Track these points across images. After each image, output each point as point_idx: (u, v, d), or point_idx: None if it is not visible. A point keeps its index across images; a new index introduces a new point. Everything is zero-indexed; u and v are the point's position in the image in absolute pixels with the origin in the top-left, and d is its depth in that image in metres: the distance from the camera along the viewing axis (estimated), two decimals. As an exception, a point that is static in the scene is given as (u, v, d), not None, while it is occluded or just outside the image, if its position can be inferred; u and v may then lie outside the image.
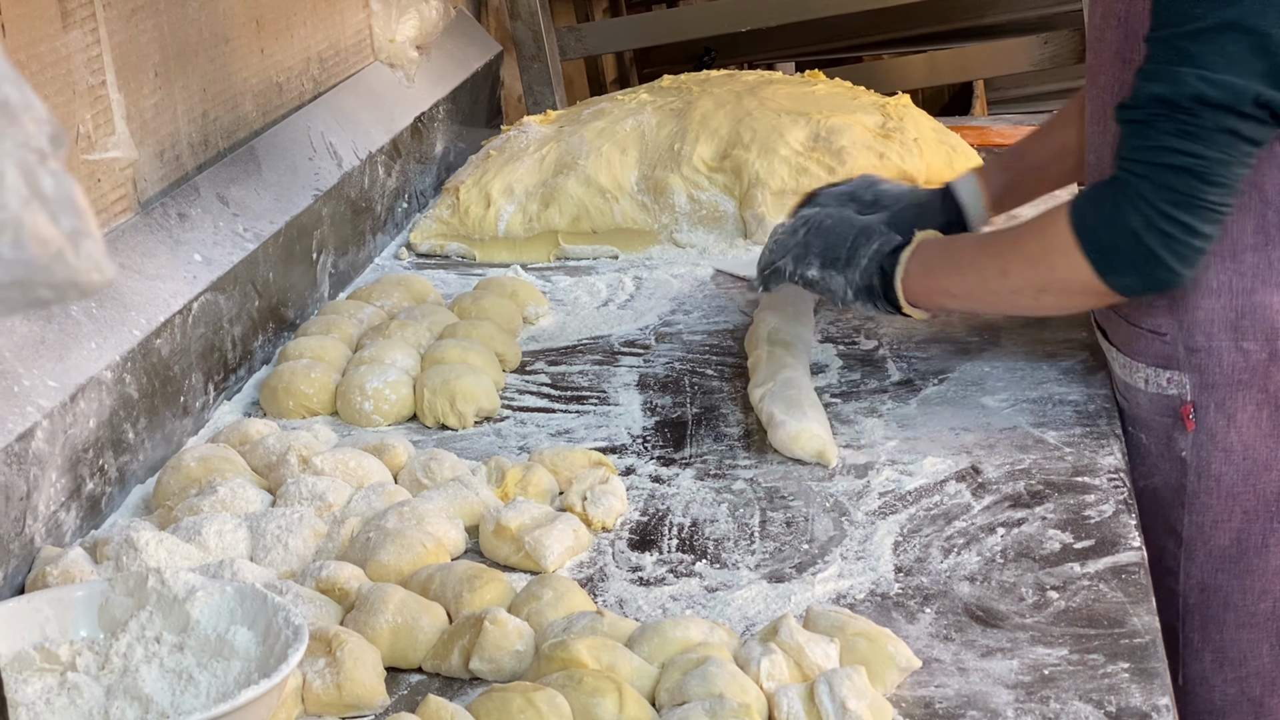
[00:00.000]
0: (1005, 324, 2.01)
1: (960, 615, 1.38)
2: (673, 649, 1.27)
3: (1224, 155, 1.56)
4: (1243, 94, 1.54)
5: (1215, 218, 1.58)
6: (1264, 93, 1.54)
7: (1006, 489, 1.61)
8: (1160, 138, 1.57)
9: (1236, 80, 1.54)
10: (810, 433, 1.69)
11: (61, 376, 1.57)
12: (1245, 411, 1.68)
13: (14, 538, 1.46)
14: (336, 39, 2.52)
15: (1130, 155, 1.60)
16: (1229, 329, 1.66)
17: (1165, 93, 1.56)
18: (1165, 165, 1.57)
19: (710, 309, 2.19)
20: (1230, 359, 1.67)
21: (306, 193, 2.21)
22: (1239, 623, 1.72)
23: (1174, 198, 1.57)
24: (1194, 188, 1.57)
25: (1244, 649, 1.72)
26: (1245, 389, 1.67)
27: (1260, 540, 1.70)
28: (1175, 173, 1.57)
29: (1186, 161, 1.56)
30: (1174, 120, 1.56)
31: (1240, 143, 1.56)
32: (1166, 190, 1.57)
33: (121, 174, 1.84)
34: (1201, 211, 1.58)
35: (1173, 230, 1.58)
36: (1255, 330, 1.66)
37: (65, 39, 1.71)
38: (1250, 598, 1.71)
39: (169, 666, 1.21)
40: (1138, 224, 1.59)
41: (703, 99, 2.53)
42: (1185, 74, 1.55)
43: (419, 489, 1.63)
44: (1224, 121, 1.55)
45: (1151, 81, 1.58)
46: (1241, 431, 1.68)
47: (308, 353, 1.95)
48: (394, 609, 1.35)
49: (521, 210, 2.45)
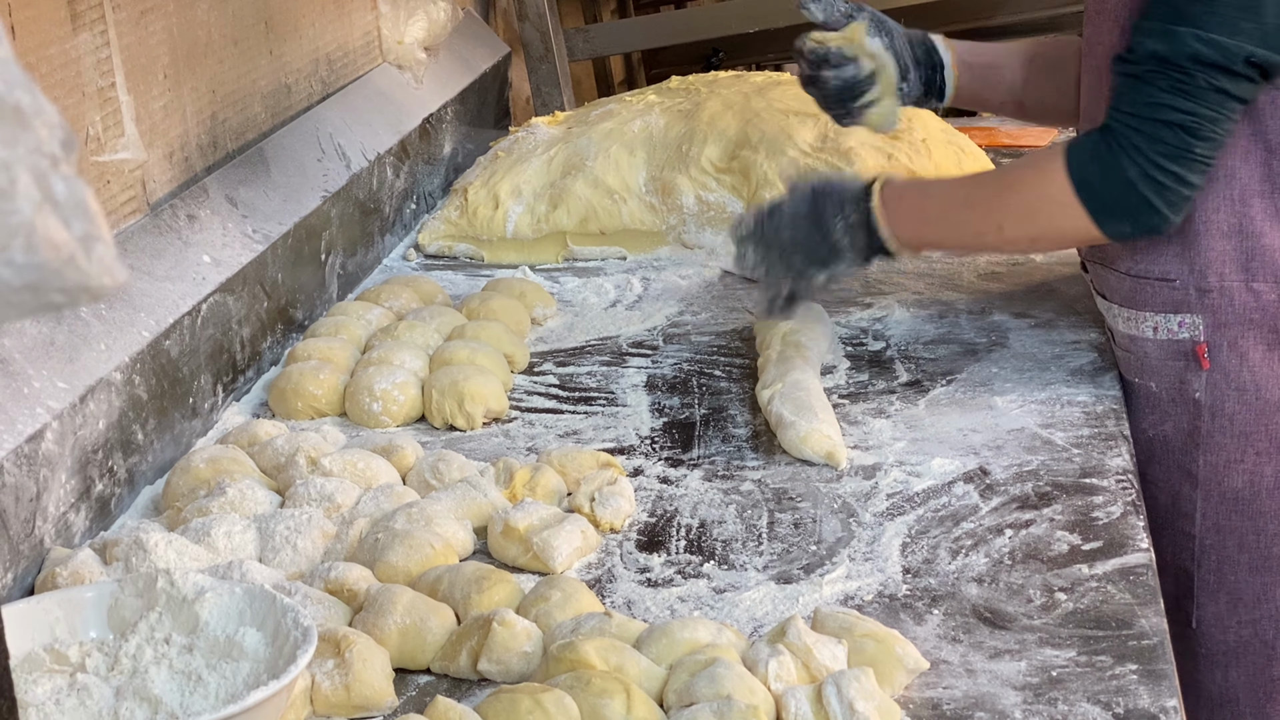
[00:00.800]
0: (1013, 325, 2.01)
1: (968, 617, 1.38)
2: (681, 650, 1.28)
3: (1215, 112, 1.65)
4: (1235, 54, 1.63)
5: (1203, 168, 1.68)
6: (1256, 52, 1.63)
7: (1014, 490, 1.61)
8: (1156, 94, 1.66)
9: (1229, 40, 1.63)
10: (820, 434, 1.70)
11: (71, 378, 1.57)
12: (1257, 351, 1.74)
13: (24, 539, 1.46)
14: (345, 41, 2.53)
15: (1126, 108, 1.68)
16: (1240, 269, 1.73)
17: (1163, 50, 1.65)
18: (1159, 120, 1.66)
19: (718, 310, 2.19)
20: (1242, 299, 1.74)
21: (315, 194, 2.21)
22: (1252, 565, 1.77)
23: (1167, 150, 1.66)
24: (1185, 142, 1.66)
25: (1257, 591, 1.77)
26: (1257, 328, 1.74)
27: (1274, 482, 1.75)
28: (1168, 128, 1.66)
29: (1180, 118, 1.65)
30: (1169, 77, 1.65)
31: (1230, 100, 1.65)
32: (1160, 143, 1.66)
33: (131, 176, 1.84)
34: (1191, 163, 1.67)
35: (1165, 180, 1.67)
36: (1265, 271, 1.73)
37: (75, 41, 1.71)
38: (1264, 540, 1.76)
39: (178, 667, 1.22)
40: (1134, 174, 1.67)
41: (711, 100, 2.53)
42: (1183, 33, 1.64)
43: (427, 490, 1.64)
44: (1216, 80, 1.64)
45: (1150, 38, 1.66)
46: (1254, 370, 1.74)
47: (316, 354, 1.95)
48: (402, 610, 1.36)
49: (530, 211, 2.45)
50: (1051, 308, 2.07)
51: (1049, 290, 2.11)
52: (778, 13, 3.48)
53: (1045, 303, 2.09)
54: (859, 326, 2.07)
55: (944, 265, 2.27)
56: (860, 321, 2.09)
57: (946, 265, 2.26)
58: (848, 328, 2.07)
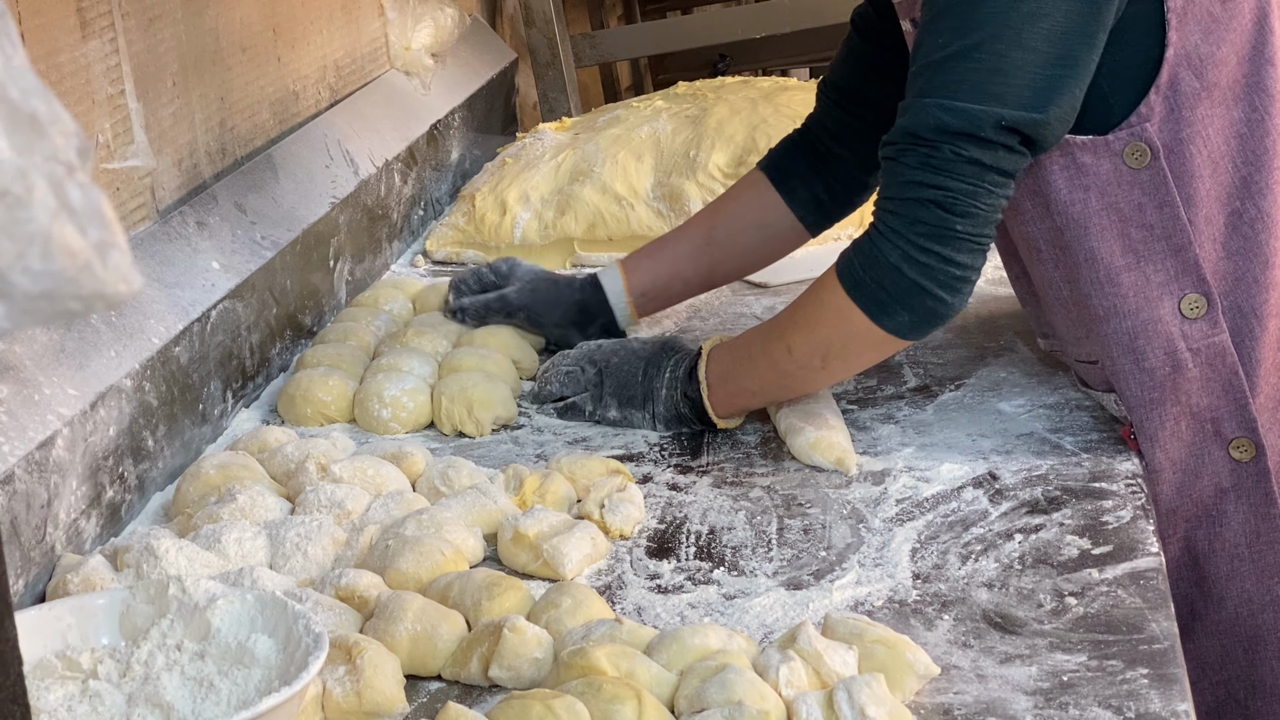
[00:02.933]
0: (1021, 330, 2.01)
1: (978, 622, 1.38)
2: (691, 656, 1.28)
3: (971, 185, 1.54)
4: (982, 120, 1.52)
5: (972, 247, 1.57)
6: (1006, 114, 1.52)
7: (1024, 495, 1.61)
8: (908, 172, 1.56)
9: (974, 106, 1.53)
10: (829, 440, 1.70)
11: (81, 385, 1.57)
12: (1165, 429, 1.66)
13: (35, 545, 1.46)
14: (353, 47, 2.53)
15: (884, 193, 1.60)
16: (1127, 352, 1.65)
17: (910, 125, 1.56)
18: (912, 199, 1.56)
19: (726, 316, 2.19)
20: (1137, 380, 1.66)
21: (323, 200, 2.22)
22: (1207, 632, 1.72)
23: (925, 230, 1.56)
24: (942, 219, 1.55)
25: (1219, 655, 1.72)
26: (1159, 406, 1.66)
27: (1206, 546, 1.70)
28: (923, 205, 1.56)
29: (932, 194, 1.55)
30: (917, 153, 1.55)
31: (986, 172, 1.54)
32: (918, 224, 1.56)
33: (140, 183, 1.85)
34: (955, 241, 1.56)
35: (930, 260, 1.57)
36: (1151, 348, 1.64)
37: (84, 49, 1.72)
38: (1211, 606, 1.71)
39: (190, 674, 1.22)
40: (896, 258, 1.57)
41: (718, 106, 2.53)
42: (928, 104, 1.55)
43: (437, 497, 1.64)
44: (965, 150, 1.53)
45: (901, 116, 1.58)
46: (1165, 448, 1.67)
47: (325, 360, 1.95)
48: (413, 617, 1.36)
49: (537, 217, 2.45)
50: (1060, 312, 2.07)
51: (1057, 295, 2.10)
52: (784, 18, 3.48)
53: (1054, 308, 2.08)
54: (867, 332, 2.07)
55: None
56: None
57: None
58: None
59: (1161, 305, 1.63)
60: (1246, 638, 1.71)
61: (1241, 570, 1.69)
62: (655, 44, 3.70)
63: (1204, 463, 1.68)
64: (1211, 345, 1.64)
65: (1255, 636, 1.71)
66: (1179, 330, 1.64)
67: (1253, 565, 1.69)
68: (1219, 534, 1.69)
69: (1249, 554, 1.69)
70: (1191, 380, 1.65)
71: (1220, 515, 1.69)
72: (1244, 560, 1.69)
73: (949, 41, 1.55)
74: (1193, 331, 1.64)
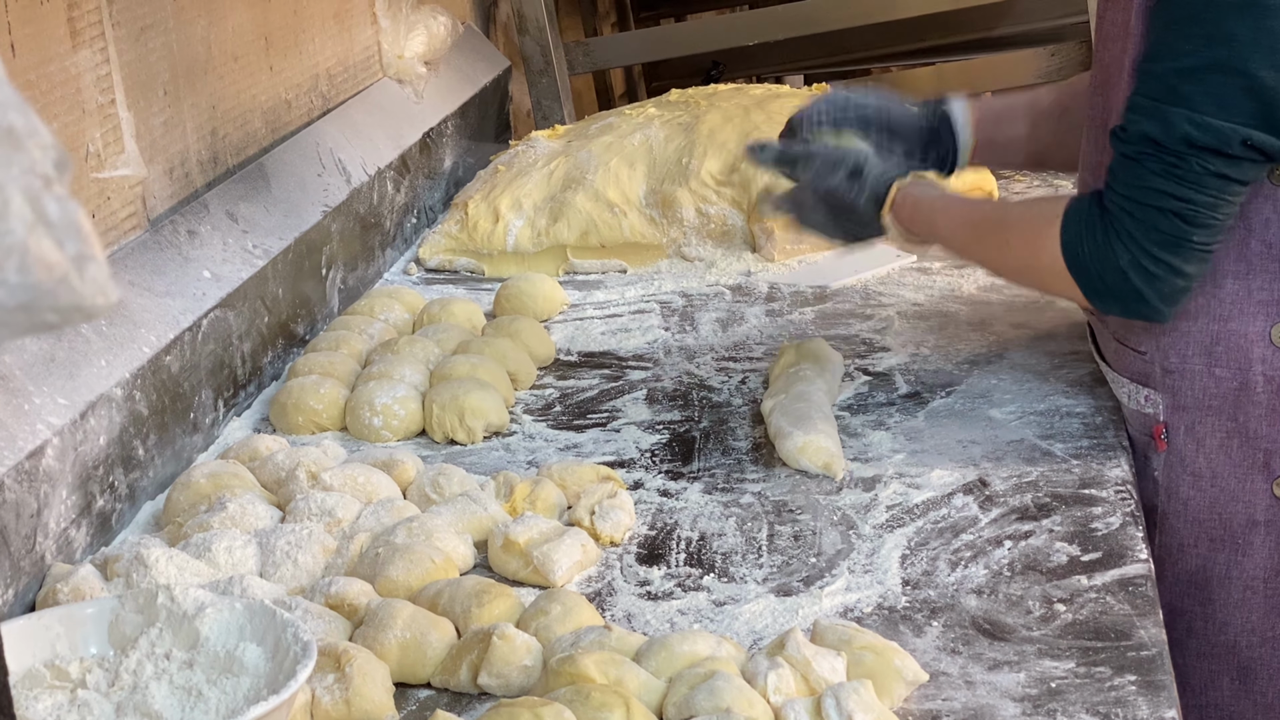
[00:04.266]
0: (1012, 336, 2.02)
1: (967, 628, 1.39)
2: (680, 663, 1.28)
3: (1213, 198, 1.56)
4: (1231, 137, 1.53)
5: (1201, 257, 1.59)
6: (1253, 135, 1.53)
7: (1014, 501, 1.61)
8: (1149, 178, 1.57)
9: (1224, 124, 1.53)
10: (817, 445, 1.70)
11: (72, 394, 1.57)
12: (1215, 438, 1.67)
13: (25, 555, 1.46)
14: (345, 55, 2.53)
15: (1120, 190, 1.60)
16: (1203, 353, 1.66)
17: (1154, 132, 1.56)
18: (1153, 206, 1.57)
19: (719, 323, 2.19)
20: (1202, 384, 1.67)
21: (315, 209, 2.22)
22: (1199, 651, 1.71)
23: (1160, 238, 1.58)
24: (1180, 230, 1.57)
25: (1205, 678, 1.71)
26: (1216, 415, 1.67)
27: (1224, 570, 1.69)
28: (1162, 214, 1.57)
29: (1174, 205, 1.56)
30: (1162, 161, 1.56)
31: (1230, 184, 1.56)
32: (1154, 231, 1.58)
33: (131, 192, 1.85)
34: (1187, 252, 1.58)
35: (1158, 271, 1.59)
36: (1228, 357, 1.65)
37: (75, 58, 1.72)
38: (1212, 627, 1.70)
39: (179, 683, 1.22)
40: (1125, 262, 1.60)
41: (710, 113, 2.53)
42: (1174, 115, 1.55)
43: (428, 504, 1.64)
44: (1212, 165, 1.55)
45: (1142, 118, 1.57)
46: (1210, 458, 1.67)
47: (317, 368, 1.96)
48: (403, 624, 1.36)
49: (530, 225, 2.46)
50: (1051, 319, 2.07)
51: (1048, 301, 2.11)
52: (777, 26, 3.49)
53: (1044, 314, 2.09)
54: (859, 338, 2.07)
55: (944, 277, 2.27)
56: (860, 333, 2.09)
57: (946, 277, 2.27)
58: (848, 340, 2.07)
59: (1254, 322, 1.64)
60: (1239, 668, 1.70)
61: (1252, 602, 1.69)
62: (648, 51, 3.70)
63: (1245, 488, 1.67)
64: None
65: (1248, 669, 1.70)
66: (1261, 353, 1.64)
67: (1265, 600, 1.69)
68: (1239, 562, 1.69)
69: (1264, 588, 1.68)
70: (1256, 404, 1.65)
71: (1246, 545, 1.68)
72: (1257, 593, 1.69)
73: (1195, 49, 1.54)
74: (1273, 358, 1.64)
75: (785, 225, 2.20)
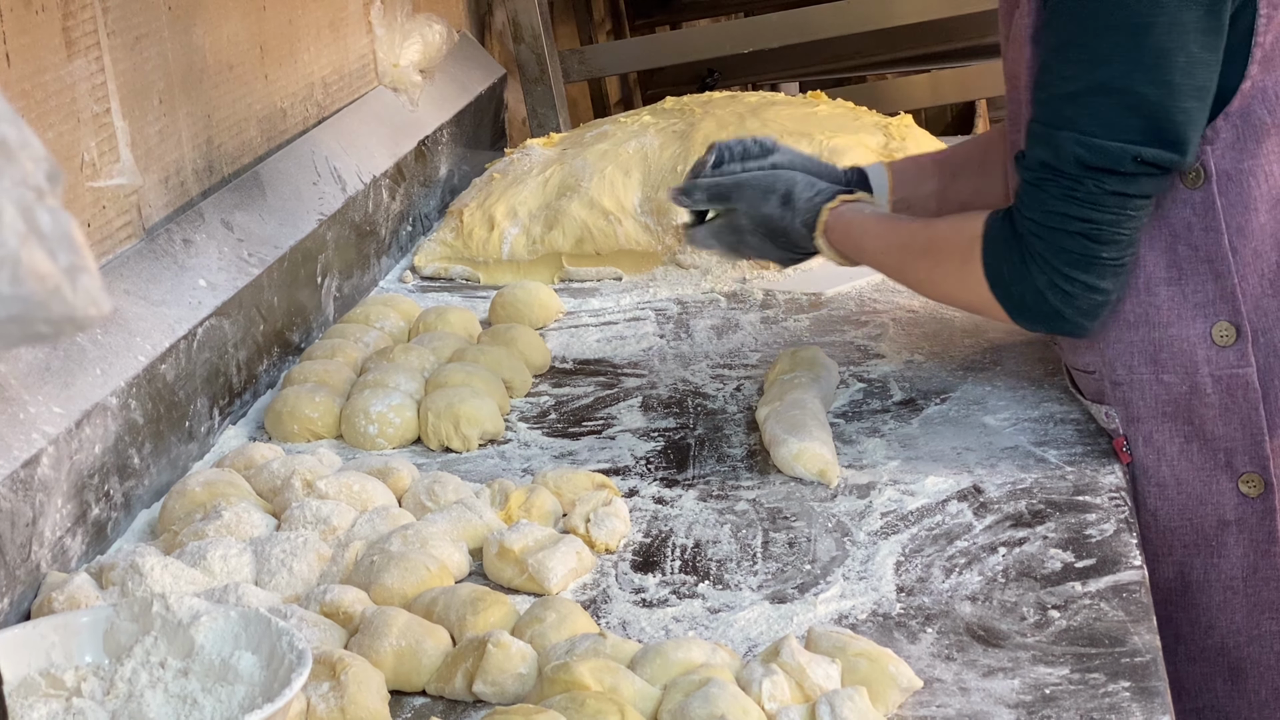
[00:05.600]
0: (1006, 344, 2.02)
1: (962, 635, 1.39)
2: (675, 670, 1.28)
3: (1114, 215, 1.59)
4: (1121, 156, 1.56)
5: (1114, 271, 1.61)
6: (1143, 151, 1.56)
7: (1008, 508, 1.61)
8: (1050, 202, 1.60)
9: (1112, 143, 1.56)
10: (812, 451, 1.70)
11: (67, 403, 1.58)
12: (1174, 445, 1.68)
13: (20, 564, 1.47)
14: (340, 64, 2.54)
15: (1027, 214, 1.63)
16: (1149, 362, 1.67)
17: (1048, 158, 1.59)
18: (1058, 229, 1.60)
19: (714, 330, 2.20)
20: (1153, 392, 1.68)
21: (311, 217, 2.22)
22: (1190, 655, 1.72)
23: (1071, 259, 1.61)
24: (1089, 249, 1.60)
25: (1198, 681, 1.72)
26: (1171, 421, 1.68)
27: (1201, 574, 1.70)
28: (1069, 235, 1.60)
29: (1079, 226, 1.59)
30: (1060, 185, 1.59)
31: (1130, 200, 1.58)
32: (1063, 252, 1.61)
33: (126, 201, 1.85)
34: (1098, 268, 1.61)
35: (1073, 290, 1.62)
36: (1174, 363, 1.66)
37: (70, 68, 1.72)
38: (1198, 631, 1.71)
39: (174, 692, 1.22)
40: (1042, 283, 1.63)
41: (705, 120, 2.54)
42: (1064, 138, 1.58)
43: (423, 512, 1.64)
44: (1108, 184, 1.57)
45: (1037, 143, 1.61)
46: (1173, 465, 1.68)
47: (312, 377, 1.96)
48: (398, 632, 1.36)
49: (525, 233, 2.46)
50: (1045, 325, 2.07)
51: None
52: (772, 34, 3.49)
53: (1039, 320, 2.09)
54: (853, 345, 2.08)
55: (938, 284, 2.27)
56: (855, 340, 2.09)
57: (941, 284, 2.27)
58: (842, 347, 2.07)
59: (1193, 326, 1.65)
60: (1229, 668, 1.71)
61: (1234, 602, 1.70)
62: (644, 59, 3.71)
63: (1210, 490, 1.68)
64: (1235, 376, 1.64)
65: (1238, 669, 1.71)
66: (1204, 355, 1.65)
67: (1245, 599, 1.69)
68: (1215, 564, 1.69)
69: (1244, 588, 1.69)
70: (1208, 406, 1.66)
71: (1220, 546, 1.69)
72: (1238, 593, 1.69)
73: (1079, 74, 1.57)
74: (1218, 359, 1.65)
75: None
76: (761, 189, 1.88)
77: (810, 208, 1.86)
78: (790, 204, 1.87)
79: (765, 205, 1.88)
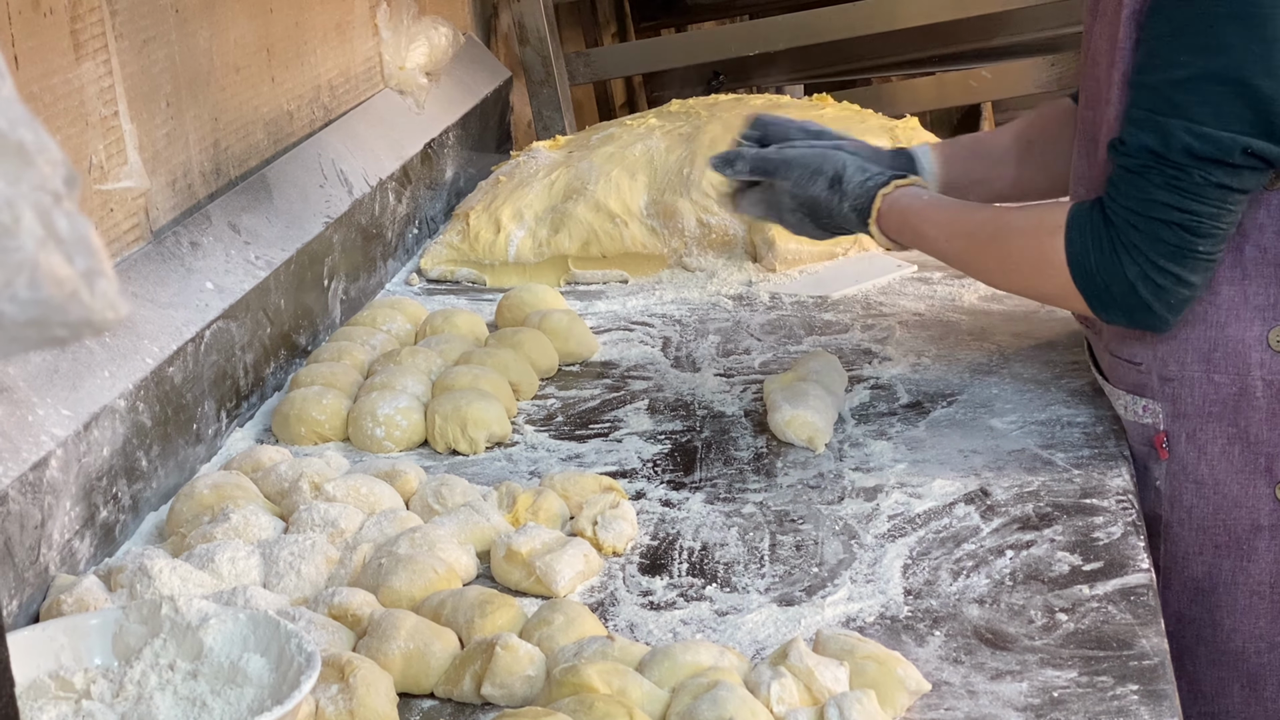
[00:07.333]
0: (1013, 346, 2.02)
1: (969, 638, 1.39)
2: (683, 673, 1.28)
3: (1215, 208, 1.57)
4: (1231, 147, 1.54)
5: (1206, 266, 1.60)
6: (1253, 143, 1.54)
7: (1015, 511, 1.61)
8: (1152, 190, 1.58)
9: (1223, 133, 1.54)
10: (803, 418, 1.74)
11: (75, 405, 1.58)
12: (1216, 445, 1.68)
13: (29, 566, 1.47)
14: (347, 67, 2.54)
15: (1123, 202, 1.61)
16: (1202, 360, 1.67)
17: (1154, 144, 1.57)
18: (1157, 219, 1.58)
19: (720, 333, 2.20)
20: (1202, 390, 1.67)
21: (318, 220, 2.22)
22: (1210, 658, 1.71)
23: (1166, 250, 1.59)
24: (1186, 241, 1.58)
25: (1215, 685, 1.71)
26: (1217, 421, 1.67)
27: (1229, 577, 1.69)
28: (1167, 226, 1.58)
29: (1178, 216, 1.57)
30: (1164, 174, 1.57)
31: (1232, 194, 1.57)
32: (1159, 243, 1.59)
33: (134, 203, 1.85)
34: (1193, 262, 1.59)
35: (1165, 282, 1.60)
36: (1227, 363, 1.66)
37: (78, 71, 1.72)
38: (1221, 634, 1.71)
39: (183, 694, 1.22)
40: (1133, 274, 1.61)
41: (711, 123, 2.54)
42: (1173, 126, 1.55)
43: (430, 515, 1.64)
44: (1214, 175, 1.55)
45: (1141, 130, 1.58)
46: (1213, 465, 1.68)
47: (319, 379, 1.96)
48: (406, 635, 1.36)
49: (531, 235, 2.46)
50: (1051, 329, 2.07)
51: (1049, 311, 2.11)
52: (779, 36, 3.49)
53: (1045, 324, 2.09)
54: (860, 348, 2.08)
55: (944, 287, 2.27)
56: (861, 343, 2.10)
57: (947, 287, 2.27)
58: (849, 349, 2.07)
59: (1251, 328, 1.65)
60: (1248, 675, 1.71)
61: (1259, 608, 1.69)
62: (649, 62, 3.71)
63: (1247, 494, 1.68)
64: None
65: (1258, 675, 1.70)
66: (1258, 358, 1.65)
67: (1271, 605, 1.69)
68: (1244, 568, 1.69)
69: (1270, 594, 1.69)
70: (1256, 409, 1.65)
71: (1251, 550, 1.69)
72: (1264, 599, 1.69)
73: (1190, 60, 1.55)
74: (1272, 363, 1.64)
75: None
76: (810, 169, 1.86)
77: (863, 192, 1.83)
78: (839, 187, 1.84)
79: (813, 186, 1.85)
